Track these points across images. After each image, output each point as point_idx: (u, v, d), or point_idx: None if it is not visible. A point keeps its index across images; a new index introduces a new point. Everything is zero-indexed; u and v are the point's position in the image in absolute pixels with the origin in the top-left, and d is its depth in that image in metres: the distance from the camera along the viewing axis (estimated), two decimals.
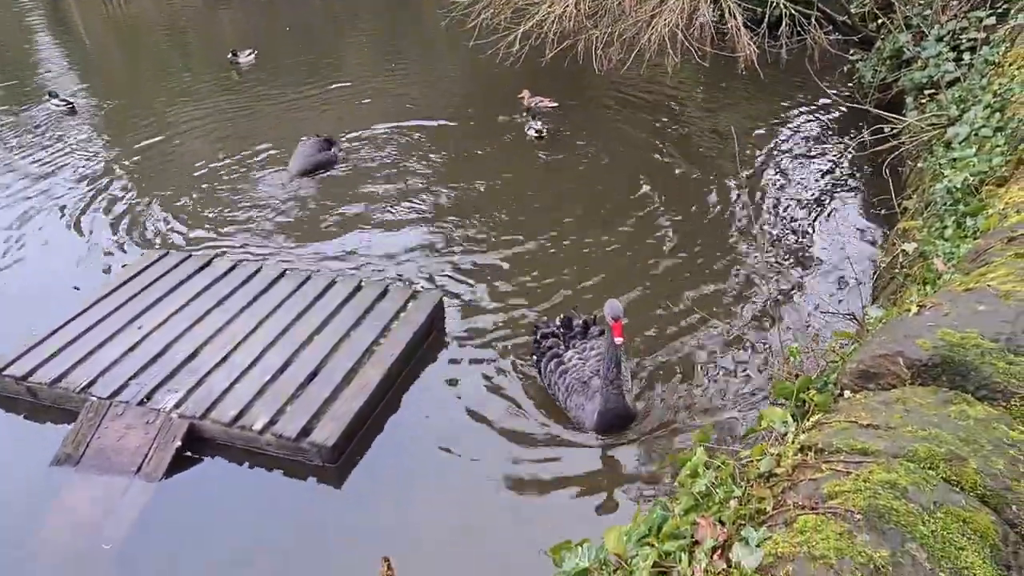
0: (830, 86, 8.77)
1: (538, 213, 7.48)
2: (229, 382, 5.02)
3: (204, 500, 4.56)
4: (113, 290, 5.99)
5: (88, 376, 5.10)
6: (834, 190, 7.57)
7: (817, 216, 7.13)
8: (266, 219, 7.58)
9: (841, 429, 2.15)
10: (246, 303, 5.82)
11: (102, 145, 9.76)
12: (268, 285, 6.03)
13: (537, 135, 8.99)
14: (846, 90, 9.13)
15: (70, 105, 10.77)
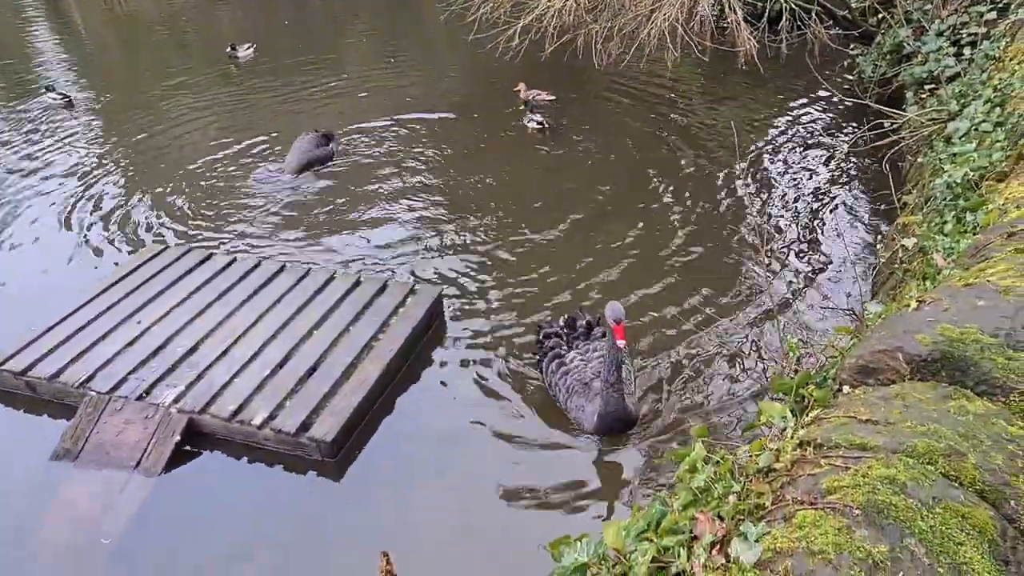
0: (830, 81, 8.75)
1: (538, 208, 7.46)
2: (228, 377, 5.03)
3: (203, 495, 4.56)
4: (112, 284, 5.98)
5: (87, 371, 5.10)
6: (834, 185, 7.56)
7: (817, 211, 7.12)
8: (264, 214, 7.56)
9: (840, 424, 2.14)
10: (245, 298, 5.81)
11: (99, 138, 9.72)
12: (267, 280, 6.03)
13: (539, 127, 8.97)
14: (846, 85, 9.11)
15: (67, 99, 10.74)
